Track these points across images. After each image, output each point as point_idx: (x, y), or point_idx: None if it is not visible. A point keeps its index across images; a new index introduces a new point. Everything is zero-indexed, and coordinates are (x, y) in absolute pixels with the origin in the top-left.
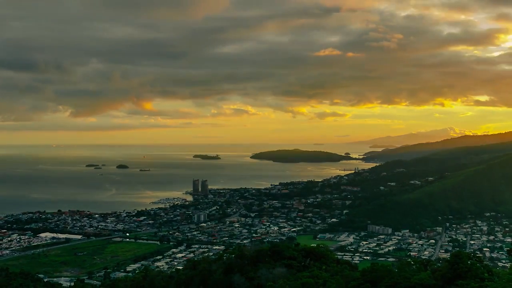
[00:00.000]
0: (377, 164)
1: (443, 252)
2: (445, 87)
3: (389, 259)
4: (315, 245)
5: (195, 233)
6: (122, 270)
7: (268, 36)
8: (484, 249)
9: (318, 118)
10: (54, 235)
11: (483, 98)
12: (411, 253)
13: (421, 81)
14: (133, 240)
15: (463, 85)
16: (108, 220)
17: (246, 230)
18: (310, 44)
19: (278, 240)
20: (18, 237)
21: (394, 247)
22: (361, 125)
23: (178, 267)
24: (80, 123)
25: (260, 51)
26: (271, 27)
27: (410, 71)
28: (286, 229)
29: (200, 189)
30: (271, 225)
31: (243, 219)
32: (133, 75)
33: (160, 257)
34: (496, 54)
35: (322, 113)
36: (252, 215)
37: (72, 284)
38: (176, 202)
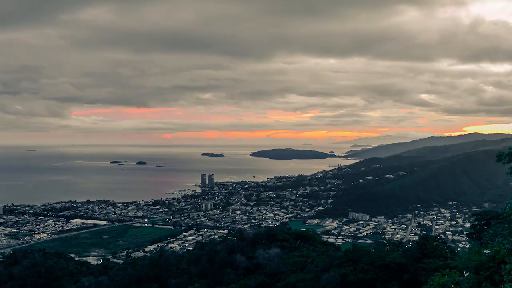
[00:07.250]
0: (357, 161)
1: (412, 235)
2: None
3: (367, 241)
4: (305, 229)
5: (203, 219)
6: (141, 250)
7: None
8: (447, 232)
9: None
10: (84, 221)
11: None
12: (386, 236)
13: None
14: (150, 225)
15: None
16: (129, 208)
17: (246, 217)
18: None
19: (273, 225)
20: (53, 222)
21: (371, 231)
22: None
23: (189, 248)
24: None
25: None
26: None
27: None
28: (280, 215)
29: (207, 182)
30: (267, 213)
31: (243, 207)
32: None
33: (173, 239)
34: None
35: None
36: (251, 204)
37: (99, 262)
38: (187, 193)
